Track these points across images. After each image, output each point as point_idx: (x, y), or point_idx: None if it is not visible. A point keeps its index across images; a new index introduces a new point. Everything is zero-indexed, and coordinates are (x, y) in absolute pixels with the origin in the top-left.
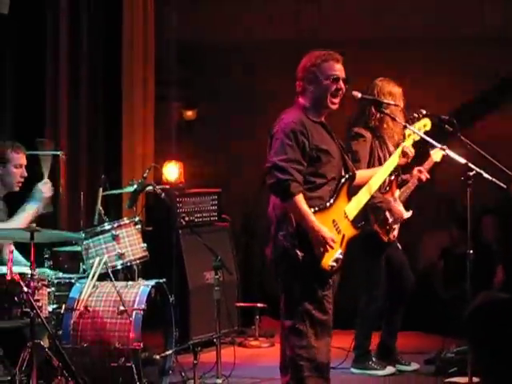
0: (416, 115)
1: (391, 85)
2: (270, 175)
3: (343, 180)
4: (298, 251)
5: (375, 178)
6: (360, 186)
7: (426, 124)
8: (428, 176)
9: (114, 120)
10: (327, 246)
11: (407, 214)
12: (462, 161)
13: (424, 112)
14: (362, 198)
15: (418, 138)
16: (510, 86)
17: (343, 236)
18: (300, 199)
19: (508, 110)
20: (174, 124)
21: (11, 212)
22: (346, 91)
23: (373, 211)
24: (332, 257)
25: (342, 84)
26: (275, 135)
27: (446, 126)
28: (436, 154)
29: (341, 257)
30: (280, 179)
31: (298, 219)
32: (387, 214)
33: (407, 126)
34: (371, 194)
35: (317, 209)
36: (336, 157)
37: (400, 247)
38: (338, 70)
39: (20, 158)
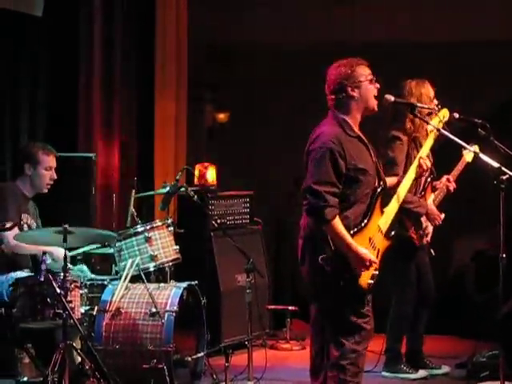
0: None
1: (424, 86)
2: (305, 199)
3: (377, 193)
4: (326, 266)
5: (402, 187)
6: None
7: (444, 115)
8: (455, 186)
9: (146, 122)
10: (369, 268)
11: (441, 217)
12: (495, 164)
13: (457, 115)
14: (391, 210)
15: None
16: None
17: (378, 250)
18: (336, 224)
19: None
20: (207, 126)
21: (41, 212)
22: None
23: (408, 216)
24: (369, 275)
25: (377, 84)
26: (311, 154)
27: (479, 129)
28: (468, 155)
29: (376, 273)
30: (314, 204)
31: (337, 242)
32: (423, 218)
33: (440, 130)
34: (399, 203)
35: (355, 230)
36: (372, 172)
37: (433, 253)
38: (369, 71)
39: (50, 161)
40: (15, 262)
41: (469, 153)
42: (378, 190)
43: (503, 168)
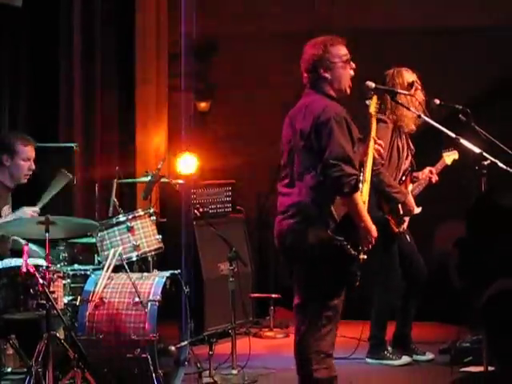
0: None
1: (406, 73)
2: (335, 167)
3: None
4: (350, 248)
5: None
6: None
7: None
8: (437, 178)
9: (127, 112)
10: (372, 243)
11: (417, 210)
12: (477, 150)
13: (437, 102)
14: (365, 190)
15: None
16: None
17: None
18: (359, 196)
19: None
20: (188, 116)
21: (22, 203)
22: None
23: (387, 200)
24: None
25: (353, 64)
26: (326, 125)
27: (460, 115)
28: (448, 158)
29: (366, 248)
30: (348, 173)
31: (354, 214)
32: (400, 206)
33: (422, 115)
34: (369, 183)
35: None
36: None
37: (409, 239)
38: (346, 50)
39: (28, 151)
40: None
41: (449, 156)
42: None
43: (484, 154)
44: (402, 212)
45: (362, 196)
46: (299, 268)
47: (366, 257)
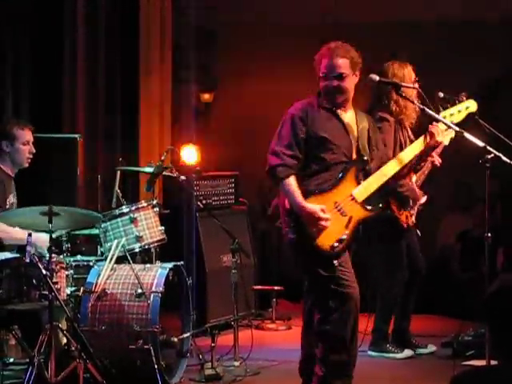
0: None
1: (403, 66)
2: (267, 162)
3: (348, 165)
4: (290, 234)
5: (390, 164)
6: None
7: (468, 106)
8: (440, 160)
9: (131, 103)
10: (320, 225)
11: (423, 199)
12: (481, 144)
13: (442, 95)
14: (372, 182)
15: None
16: None
17: (350, 218)
18: (289, 182)
19: None
20: (191, 107)
21: (25, 194)
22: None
23: (398, 199)
24: (333, 237)
25: (333, 82)
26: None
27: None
28: (445, 138)
29: (345, 237)
30: (270, 163)
31: (289, 201)
32: (411, 201)
33: (425, 109)
34: (384, 178)
35: (317, 191)
36: (341, 145)
37: (419, 234)
38: (329, 66)
39: (26, 135)
40: (0, 244)
41: (446, 135)
42: (350, 164)
43: (488, 147)
44: (412, 206)
45: (357, 189)
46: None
47: (336, 244)
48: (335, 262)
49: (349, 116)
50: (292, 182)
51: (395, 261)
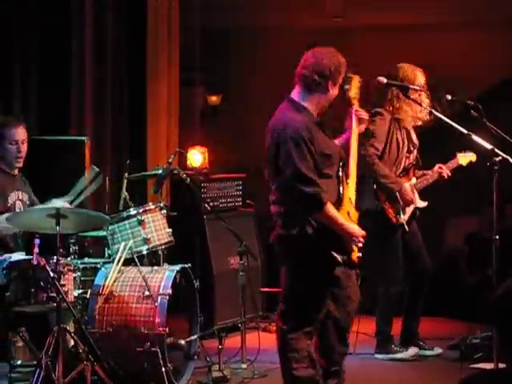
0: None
1: (413, 69)
2: (295, 190)
3: (340, 172)
4: (336, 255)
5: (352, 162)
6: None
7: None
8: (449, 174)
9: (138, 106)
10: (359, 241)
11: (421, 204)
12: (489, 146)
13: (449, 97)
14: (353, 182)
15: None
16: None
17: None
18: (330, 206)
19: None
20: (199, 109)
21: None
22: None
23: (383, 190)
24: (357, 249)
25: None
26: (287, 144)
27: (471, 111)
28: (463, 159)
29: (361, 244)
30: (308, 192)
31: (331, 224)
32: (397, 194)
33: (433, 111)
34: (355, 176)
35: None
36: (336, 155)
37: (407, 229)
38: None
39: (14, 134)
40: (8, 245)
41: (464, 157)
42: (341, 165)
43: (496, 150)
44: (401, 202)
45: (348, 191)
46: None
47: (360, 254)
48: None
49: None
50: (331, 205)
51: (390, 258)
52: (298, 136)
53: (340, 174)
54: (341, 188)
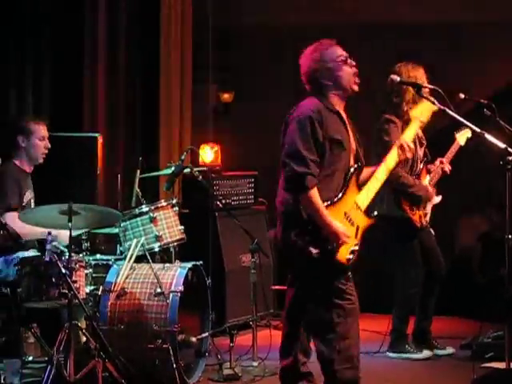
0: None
1: (416, 68)
2: (287, 166)
3: (352, 170)
4: (311, 249)
5: (381, 168)
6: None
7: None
8: (450, 167)
9: (151, 103)
10: (341, 241)
11: (437, 199)
12: (502, 145)
13: (462, 96)
14: (371, 188)
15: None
16: None
17: (357, 227)
18: (315, 193)
19: None
20: (211, 107)
21: (45, 193)
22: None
23: (410, 199)
24: (348, 249)
25: (352, 61)
26: (291, 123)
27: (485, 110)
28: (461, 138)
29: (356, 248)
30: (297, 170)
31: (311, 214)
32: (423, 199)
33: (446, 109)
34: (379, 184)
35: (329, 203)
36: (347, 148)
37: (433, 232)
38: (340, 51)
39: (42, 130)
40: (21, 242)
41: (461, 136)
42: (352, 169)
43: (510, 149)
44: (426, 205)
45: (358, 196)
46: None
47: (351, 256)
48: (349, 273)
49: (345, 117)
50: (316, 192)
51: (410, 260)
52: (305, 116)
53: (352, 170)
54: (344, 188)
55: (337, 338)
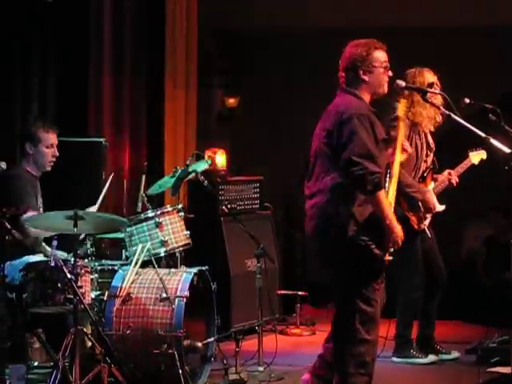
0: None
1: (427, 73)
2: (357, 166)
3: (389, 169)
4: (374, 249)
5: (395, 166)
6: None
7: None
8: (457, 180)
9: (156, 108)
10: (398, 243)
11: (440, 207)
12: (507, 150)
13: (468, 101)
14: (393, 185)
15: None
16: None
17: None
18: (384, 194)
19: None
20: (217, 111)
21: (51, 198)
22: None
23: (406, 199)
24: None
25: (390, 72)
26: (347, 124)
27: (490, 114)
28: (474, 157)
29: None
30: (372, 170)
31: (380, 213)
32: (420, 203)
33: (452, 114)
34: (396, 182)
35: None
36: (382, 155)
37: (430, 235)
38: (386, 57)
39: (51, 138)
40: (27, 247)
41: (475, 156)
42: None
43: None
44: (422, 209)
45: (388, 197)
46: (328, 270)
47: (391, 258)
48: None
49: None
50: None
51: (411, 263)
52: (363, 115)
53: (389, 169)
54: (389, 184)
55: (356, 341)
